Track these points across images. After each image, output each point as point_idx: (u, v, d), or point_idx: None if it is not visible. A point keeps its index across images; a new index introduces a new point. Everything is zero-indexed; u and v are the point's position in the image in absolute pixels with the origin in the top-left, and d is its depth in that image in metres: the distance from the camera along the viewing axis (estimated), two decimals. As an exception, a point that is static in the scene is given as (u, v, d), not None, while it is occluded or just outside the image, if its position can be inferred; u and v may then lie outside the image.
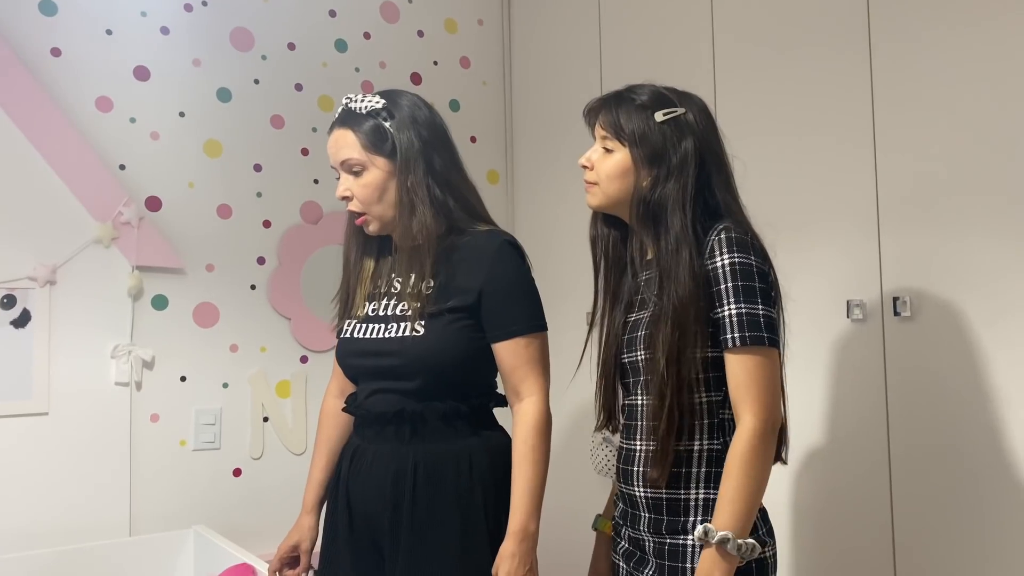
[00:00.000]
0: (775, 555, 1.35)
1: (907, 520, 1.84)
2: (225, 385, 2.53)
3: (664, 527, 1.34)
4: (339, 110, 1.61)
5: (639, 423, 1.39)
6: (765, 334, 1.27)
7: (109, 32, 2.41)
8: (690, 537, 1.29)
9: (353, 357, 1.63)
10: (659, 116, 1.37)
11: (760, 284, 1.29)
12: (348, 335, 1.64)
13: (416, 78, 2.94)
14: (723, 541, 1.21)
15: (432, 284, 1.55)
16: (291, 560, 1.70)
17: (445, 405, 1.54)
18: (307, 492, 1.71)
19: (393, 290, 1.61)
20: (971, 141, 1.74)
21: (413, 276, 1.56)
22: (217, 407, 2.51)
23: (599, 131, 1.43)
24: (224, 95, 2.58)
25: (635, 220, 1.39)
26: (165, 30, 2.50)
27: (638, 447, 1.38)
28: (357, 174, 1.57)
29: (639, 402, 1.39)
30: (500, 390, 1.65)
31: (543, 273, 1.78)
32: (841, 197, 1.97)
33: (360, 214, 1.59)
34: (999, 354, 1.69)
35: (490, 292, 1.53)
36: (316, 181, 2.72)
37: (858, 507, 1.91)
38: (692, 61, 2.35)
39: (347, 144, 1.57)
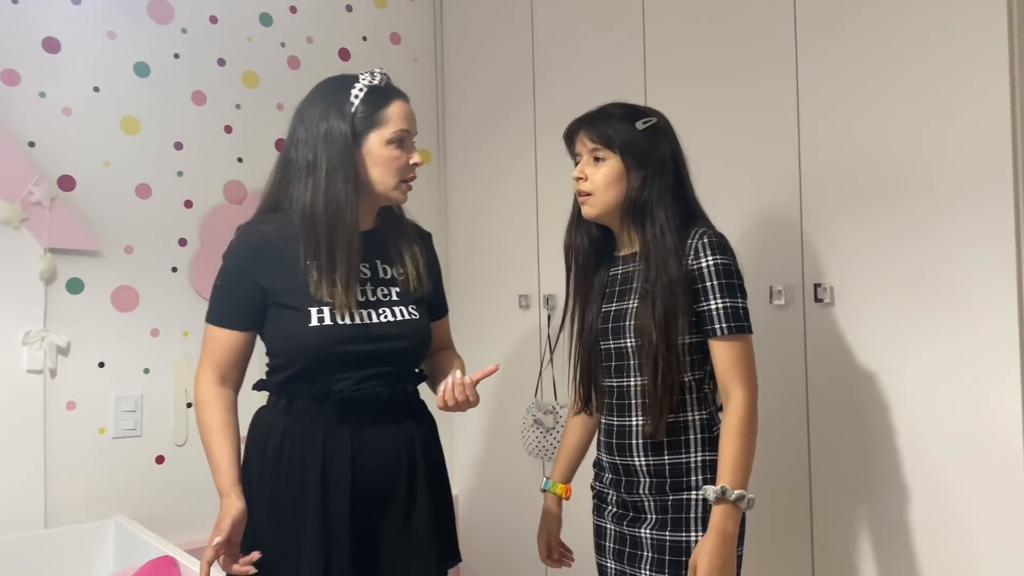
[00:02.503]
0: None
1: (824, 499, 1.90)
2: (146, 371, 2.45)
3: (668, 487, 1.54)
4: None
5: (632, 402, 1.57)
6: (745, 323, 1.50)
7: (15, 1, 2.28)
8: (694, 492, 1.52)
9: (353, 343, 1.54)
10: (639, 125, 1.56)
11: (737, 281, 1.52)
12: (334, 322, 1.53)
13: (344, 54, 2.88)
14: (740, 498, 1.44)
15: (406, 269, 1.65)
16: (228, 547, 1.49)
17: (416, 385, 1.66)
18: (226, 473, 1.56)
19: (363, 276, 1.59)
20: (892, 136, 1.78)
21: (407, 261, 1.65)
22: (138, 393, 2.44)
23: (586, 145, 1.58)
24: (142, 70, 2.48)
25: (625, 218, 1.57)
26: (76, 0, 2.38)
27: (633, 423, 1.57)
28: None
29: (632, 383, 1.57)
30: None
31: (475, 253, 1.78)
32: (765, 187, 2.01)
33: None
34: (914, 339, 1.75)
35: (436, 276, 1.74)
36: (240, 160, 2.65)
37: (778, 486, 1.97)
38: (623, 42, 2.35)
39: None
